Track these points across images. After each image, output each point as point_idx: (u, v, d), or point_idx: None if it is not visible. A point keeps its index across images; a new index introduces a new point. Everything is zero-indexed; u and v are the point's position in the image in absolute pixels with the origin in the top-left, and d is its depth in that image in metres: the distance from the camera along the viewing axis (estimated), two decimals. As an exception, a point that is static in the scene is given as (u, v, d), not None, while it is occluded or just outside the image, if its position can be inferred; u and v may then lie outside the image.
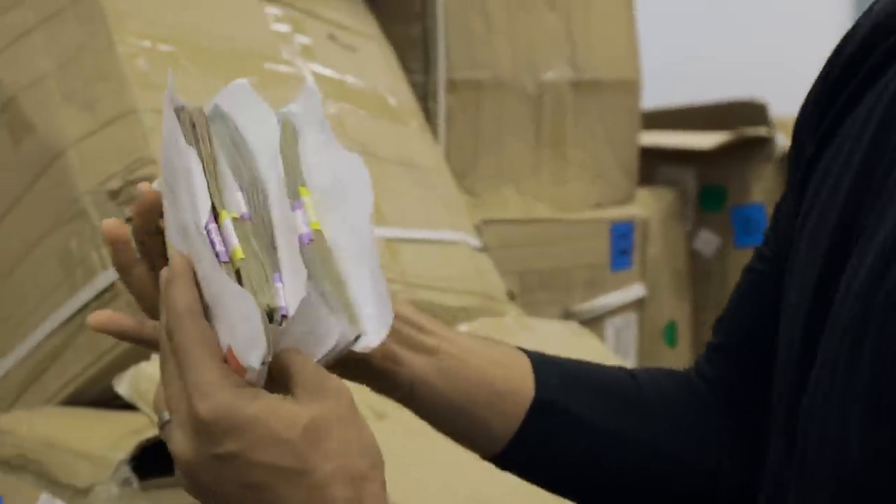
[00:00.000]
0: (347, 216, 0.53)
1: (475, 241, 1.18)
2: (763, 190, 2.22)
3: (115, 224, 0.57)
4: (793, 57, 5.86)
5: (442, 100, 1.49)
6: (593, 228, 1.76)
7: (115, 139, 0.95)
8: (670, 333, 2.13)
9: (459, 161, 1.47)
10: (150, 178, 0.84)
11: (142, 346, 0.60)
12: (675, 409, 0.69)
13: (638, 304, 1.88)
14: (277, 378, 0.49)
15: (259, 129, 0.54)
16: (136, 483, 0.89)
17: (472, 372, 0.64)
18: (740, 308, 0.71)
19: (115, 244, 0.57)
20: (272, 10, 1.10)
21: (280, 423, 0.48)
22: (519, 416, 0.64)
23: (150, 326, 0.58)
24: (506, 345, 0.70)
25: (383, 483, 0.50)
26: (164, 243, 0.54)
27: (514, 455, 0.65)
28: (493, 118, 1.60)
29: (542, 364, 0.68)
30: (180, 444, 0.49)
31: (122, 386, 0.94)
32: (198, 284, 0.50)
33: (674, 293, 2.15)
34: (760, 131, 2.27)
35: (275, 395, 0.48)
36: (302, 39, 1.11)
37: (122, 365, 0.94)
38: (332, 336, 0.50)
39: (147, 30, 0.97)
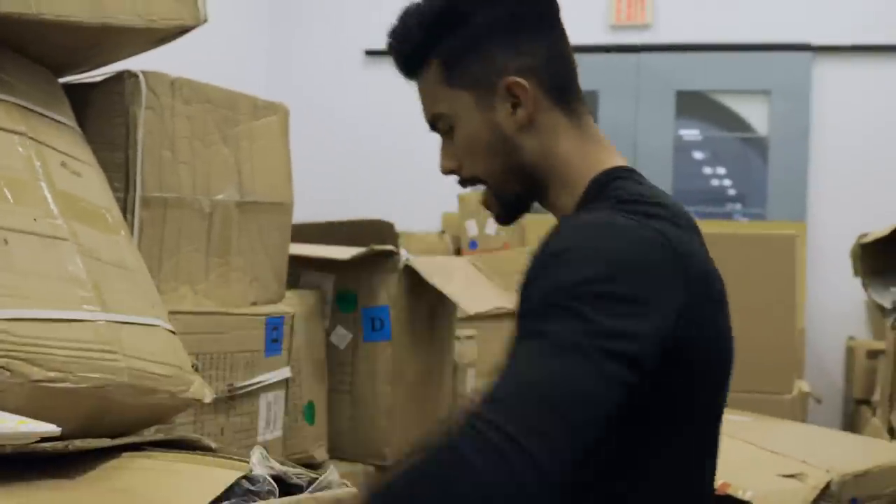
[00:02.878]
0: None
1: (169, 326, 1.40)
2: (388, 295, 2.46)
3: None
4: (418, 186, 6.56)
5: (137, 214, 1.66)
6: (251, 321, 1.91)
7: None
8: (309, 412, 2.27)
9: (148, 264, 1.55)
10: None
11: None
12: None
13: (285, 384, 2.02)
14: None
15: None
16: None
17: None
18: None
19: None
20: (19, 140, 1.32)
21: None
22: None
23: None
24: None
25: None
26: None
27: None
28: (175, 230, 1.75)
29: None
30: None
31: None
32: None
33: (313, 378, 2.30)
34: (388, 246, 2.48)
35: None
36: (43, 166, 1.31)
37: None
38: None
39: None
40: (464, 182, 1.30)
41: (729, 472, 1.67)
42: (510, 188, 1.28)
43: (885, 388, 3.92)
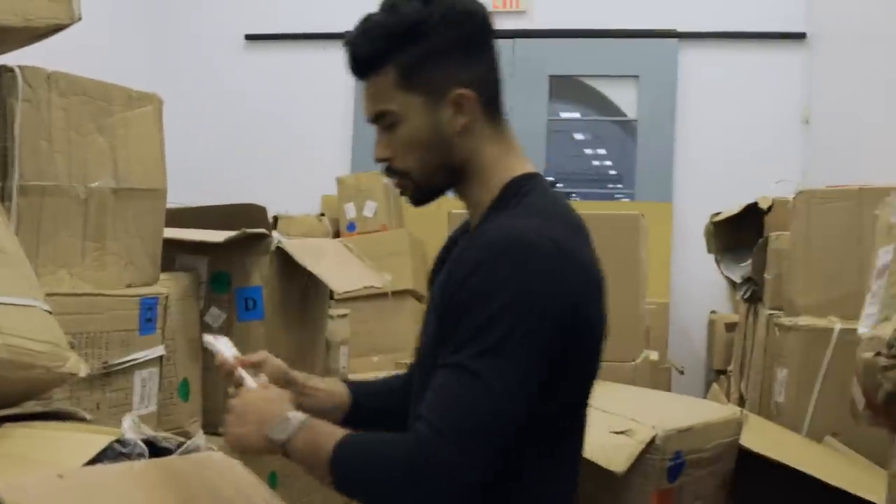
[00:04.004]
0: None
1: (45, 306, 1.48)
2: (261, 276, 2.52)
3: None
4: (299, 170, 6.66)
5: (15, 201, 1.74)
6: (126, 302, 1.98)
7: None
8: (184, 389, 2.34)
9: (26, 249, 1.60)
10: None
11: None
12: (406, 390, 1.56)
13: (159, 361, 2.10)
14: None
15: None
16: None
17: (324, 398, 1.60)
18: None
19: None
20: None
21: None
22: (346, 410, 1.60)
23: None
24: (334, 380, 1.68)
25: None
26: None
27: (350, 423, 1.45)
28: (52, 216, 1.83)
29: (352, 385, 1.65)
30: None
31: None
32: None
33: (188, 356, 2.36)
34: (260, 229, 2.52)
35: None
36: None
37: None
38: None
39: None
40: (392, 172, 1.52)
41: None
42: (435, 182, 1.52)
43: (737, 358, 4.20)
